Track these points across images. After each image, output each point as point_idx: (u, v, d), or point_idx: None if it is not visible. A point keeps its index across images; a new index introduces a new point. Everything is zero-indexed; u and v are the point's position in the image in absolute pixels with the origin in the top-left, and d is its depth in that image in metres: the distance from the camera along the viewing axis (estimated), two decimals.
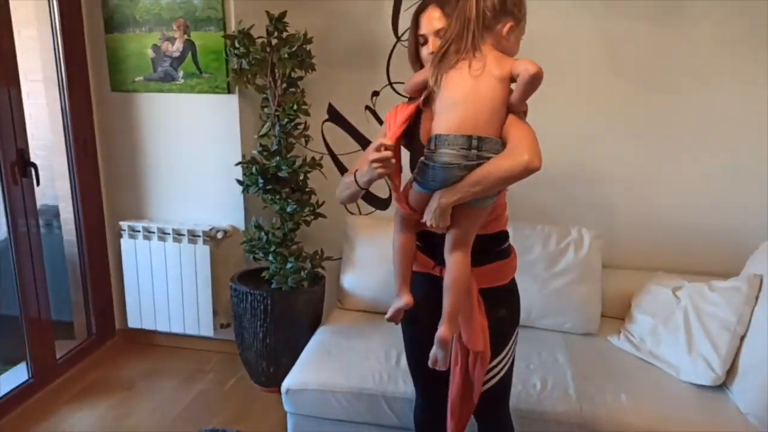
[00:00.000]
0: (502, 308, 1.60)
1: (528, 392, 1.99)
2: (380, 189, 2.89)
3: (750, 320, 2.04)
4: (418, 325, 1.67)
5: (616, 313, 2.51)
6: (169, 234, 2.83)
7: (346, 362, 2.19)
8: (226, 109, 2.73)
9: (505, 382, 1.67)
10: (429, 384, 1.76)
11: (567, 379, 2.08)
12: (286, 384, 2.12)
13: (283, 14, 2.48)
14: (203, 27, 2.63)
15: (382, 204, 2.94)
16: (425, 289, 1.61)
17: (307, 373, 2.16)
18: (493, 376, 1.61)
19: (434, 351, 1.51)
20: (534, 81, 1.30)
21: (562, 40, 2.57)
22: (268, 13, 2.47)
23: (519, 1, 1.40)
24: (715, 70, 2.47)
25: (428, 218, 1.44)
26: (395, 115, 1.52)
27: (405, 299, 1.56)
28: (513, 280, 1.66)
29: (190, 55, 2.68)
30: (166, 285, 2.89)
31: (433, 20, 1.47)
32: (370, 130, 2.85)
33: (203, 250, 2.81)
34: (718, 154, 2.55)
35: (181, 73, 2.71)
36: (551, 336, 2.40)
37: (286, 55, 2.46)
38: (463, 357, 1.58)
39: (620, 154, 2.64)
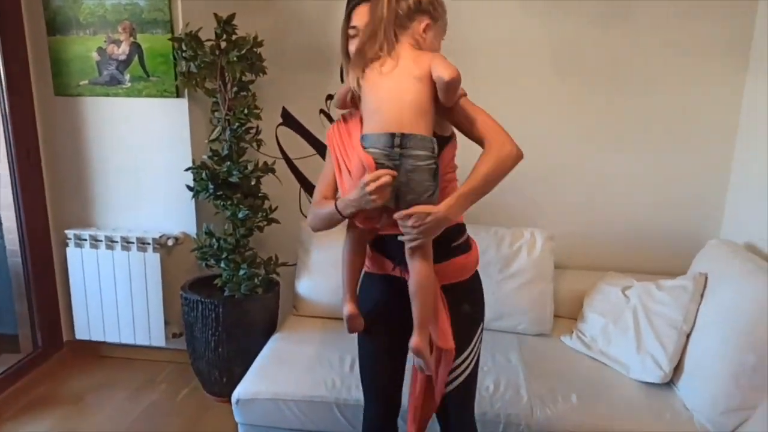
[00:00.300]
0: (464, 303, 1.57)
1: (480, 394, 1.98)
2: None
3: (696, 318, 2.08)
4: (376, 328, 1.63)
5: (569, 313, 2.54)
6: (117, 242, 2.75)
7: (299, 370, 2.16)
8: (175, 113, 2.67)
9: (470, 383, 1.62)
10: (382, 392, 1.72)
11: (519, 380, 2.09)
12: (236, 394, 2.07)
13: (232, 17, 2.43)
14: (150, 29, 2.56)
15: None
16: (384, 291, 1.60)
17: (259, 382, 2.11)
18: (458, 375, 1.57)
19: (415, 361, 1.51)
20: (450, 88, 1.31)
21: (511, 42, 2.59)
22: (216, 15, 2.43)
23: (435, 0, 1.41)
24: (661, 71, 2.53)
25: (412, 231, 1.37)
26: (339, 135, 1.49)
27: (348, 308, 1.59)
28: (476, 275, 1.62)
29: (136, 58, 2.61)
30: (115, 295, 2.81)
31: (365, 15, 1.44)
32: (326, 134, 2.82)
33: (153, 258, 2.74)
34: (665, 154, 2.60)
35: (127, 77, 2.64)
36: (505, 337, 2.41)
37: (235, 59, 2.42)
38: None
39: (569, 156, 2.67)
